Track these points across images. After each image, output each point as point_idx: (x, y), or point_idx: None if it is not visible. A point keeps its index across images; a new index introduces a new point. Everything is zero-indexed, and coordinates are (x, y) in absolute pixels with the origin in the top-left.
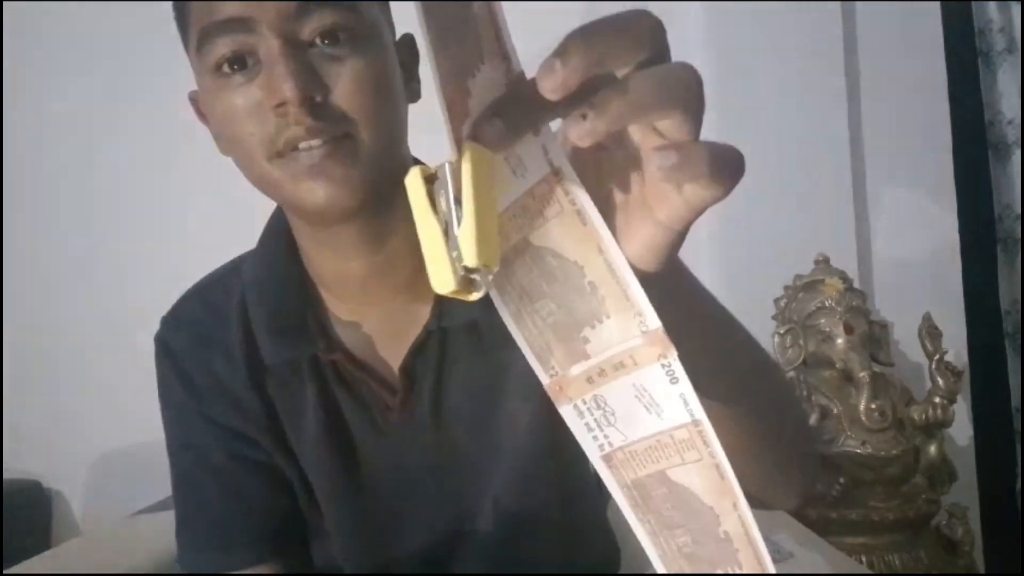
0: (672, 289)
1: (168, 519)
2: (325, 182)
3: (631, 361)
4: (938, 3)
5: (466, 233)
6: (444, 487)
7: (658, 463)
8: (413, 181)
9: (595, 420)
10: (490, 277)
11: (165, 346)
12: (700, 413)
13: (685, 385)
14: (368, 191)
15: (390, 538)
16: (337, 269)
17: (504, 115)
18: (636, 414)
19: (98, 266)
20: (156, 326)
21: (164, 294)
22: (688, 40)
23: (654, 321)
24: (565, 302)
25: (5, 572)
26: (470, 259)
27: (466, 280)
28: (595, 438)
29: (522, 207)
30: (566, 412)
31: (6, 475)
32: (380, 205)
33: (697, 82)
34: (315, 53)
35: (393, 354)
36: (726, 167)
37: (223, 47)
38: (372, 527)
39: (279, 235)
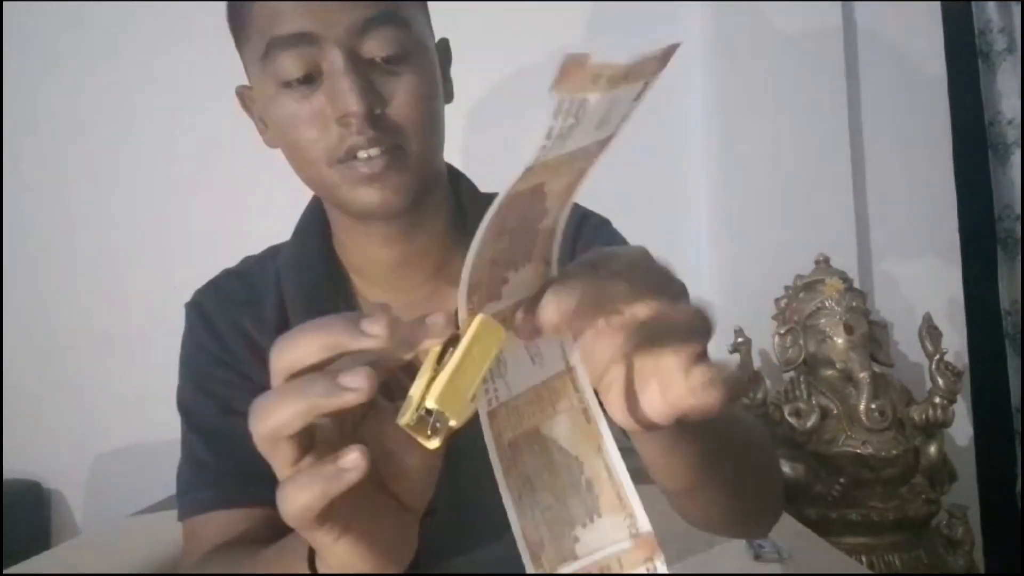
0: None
1: (168, 519)
2: (380, 188)
3: (617, 564)
4: (938, 3)
5: (440, 379)
6: (454, 469)
7: None
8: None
9: None
10: (450, 424)
11: (198, 307)
12: None
13: None
14: (414, 195)
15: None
16: (370, 256)
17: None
18: None
19: (98, 266)
20: (156, 326)
21: (164, 294)
22: (688, 41)
23: (644, 524)
24: (563, 496)
25: (5, 572)
26: (431, 399)
27: (423, 421)
28: None
29: (536, 395)
30: None
31: (6, 475)
32: (417, 203)
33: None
34: (375, 67)
35: None
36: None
37: (292, 63)
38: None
39: (313, 226)
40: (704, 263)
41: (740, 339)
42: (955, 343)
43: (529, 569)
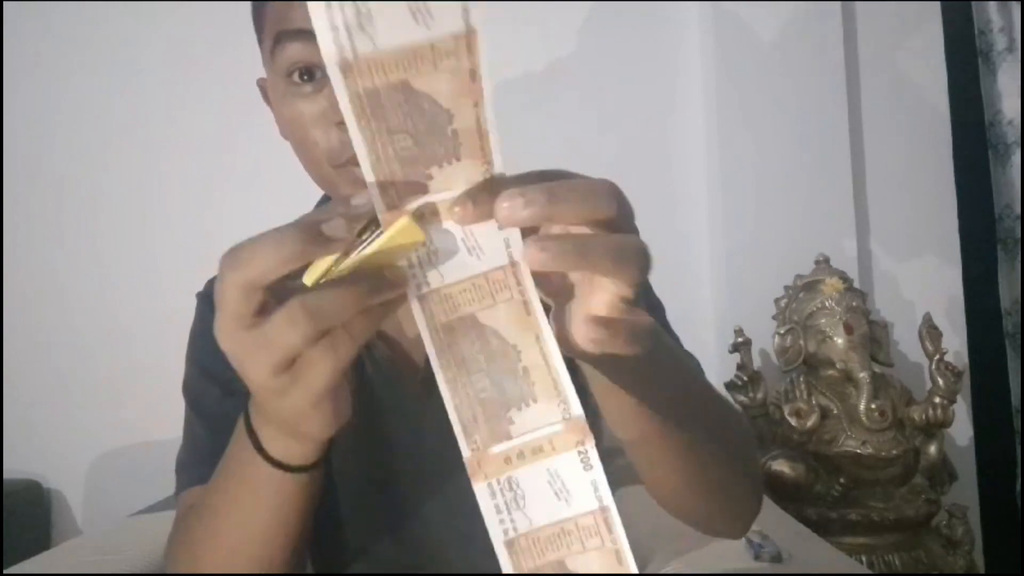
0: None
1: (168, 519)
2: None
3: (549, 446)
4: (938, 3)
5: (347, 261)
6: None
7: (559, 551)
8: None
9: (505, 502)
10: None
11: (207, 296)
12: (609, 500)
13: (598, 473)
14: None
15: (397, 513)
16: None
17: (477, 201)
18: (546, 499)
19: (99, 266)
20: (156, 326)
21: (164, 295)
22: (688, 41)
23: (577, 409)
24: (498, 381)
25: (5, 572)
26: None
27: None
28: (502, 521)
29: (474, 284)
30: (479, 489)
31: (6, 475)
32: None
33: (646, 255)
34: None
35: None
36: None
37: (293, 54)
38: (384, 501)
39: None
40: (704, 263)
41: (740, 339)
42: (955, 343)
43: (462, 445)
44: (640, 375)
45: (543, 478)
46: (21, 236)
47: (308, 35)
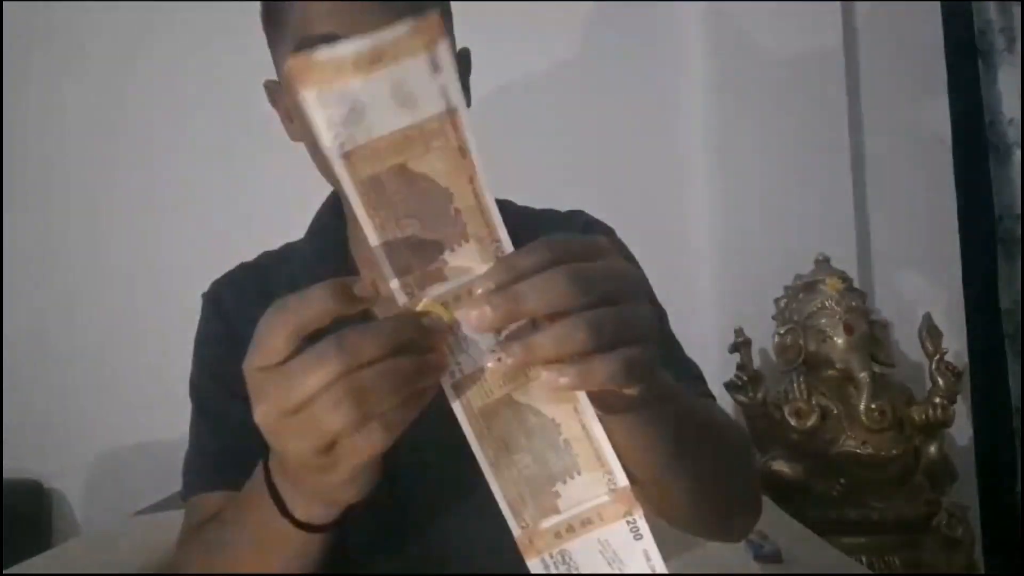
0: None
1: (168, 519)
2: None
3: (598, 517)
4: (938, 3)
5: None
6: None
7: None
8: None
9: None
10: None
11: (213, 297)
12: (660, 566)
13: (648, 542)
14: None
15: (404, 525)
16: None
17: (493, 304)
18: (599, 570)
19: (99, 267)
20: (156, 326)
21: (165, 295)
22: (689, 41)
23: (622, 479)
24: (541, 456)
25: (5, 572)
26: None
27: None
28: None
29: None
30: (533, 565)
31: (6, 475)
32: None
33: (651, 364)
34: None
35: None
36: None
37: None
38: (390, 510)
39: (329, 223)
40: (704, 263)
41: (740, 339)
42: (955, 343)
43: (512, 524)
44: (648, 422)
45: (595, 548)
46: (21, 236)
47: (328, 40)
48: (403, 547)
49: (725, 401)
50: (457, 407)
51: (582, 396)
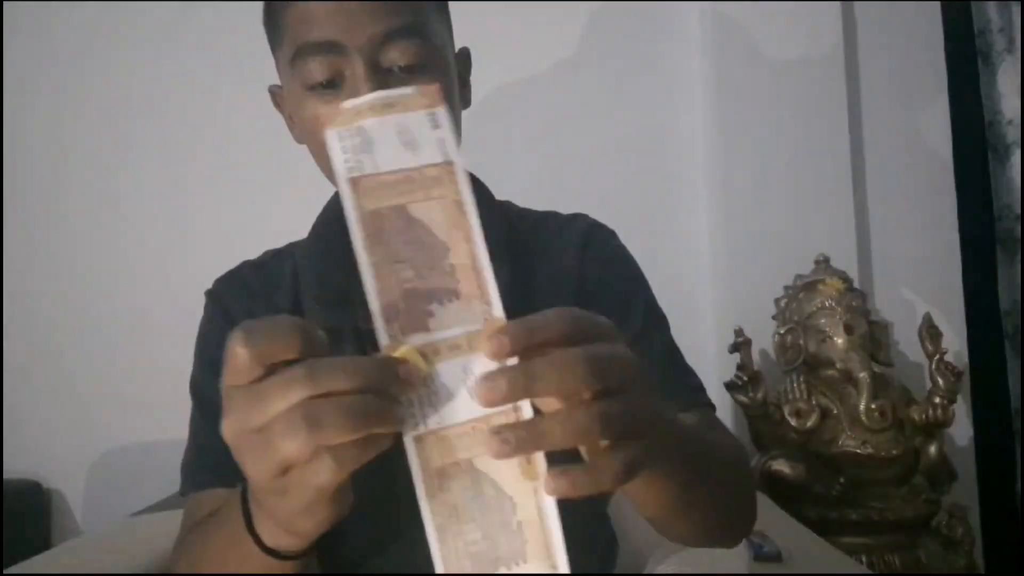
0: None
1: (168, 519)
2: None
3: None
4: (938, 3)
5: None
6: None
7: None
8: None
9: None
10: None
11: (216, 294)
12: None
13: None
14: None
15: (396, 514)
16: None
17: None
18: None
19: (99, 266)
20: (157, 326)
21: (165, 295)
22: (688, 41)
23: (564, 569)
24: (491, 535)
25: (5, 572)
26: None
27: None
28: None
29: (474, 429)
30: None
31: (6, 475)
32: None
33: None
34: (393, 77)
35: None
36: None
37: (317, 69)
38: (380, 498)
39: (331, 221)
40: (705, 263)
41: (740, 339)
42: (955, 343)
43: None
44: (653, 479)
45: None
46: (22, 236)
47: (329, 47)
48: (396, 561)
49: (725, 401)
50: (414, 461)
51: (543, 472)
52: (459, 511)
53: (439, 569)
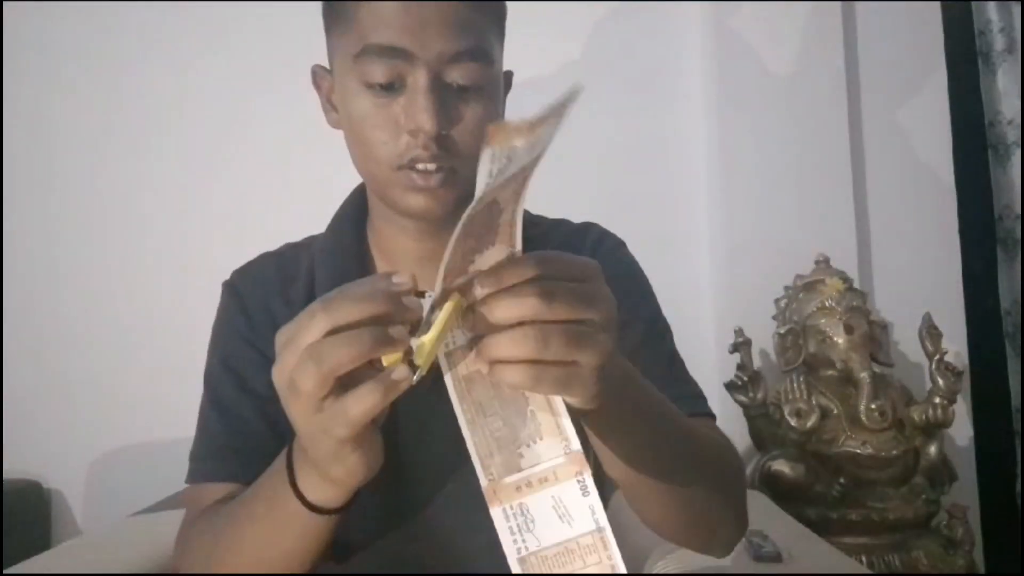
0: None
1: (168, 519)
2: (429, 198)
3: (553, 476)
4: (938, 3)
5: (423, 345)
6: (459, 463)
7: (564, 567)
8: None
9: (517, 525)
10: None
11: (232, 286)
12: (604, 522)
13: (594, 498)
14: (456, 207)
15: (404, 507)
16: (401, 246)
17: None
18: (552, 522)
19: (99, 267)
20: (157, 327)
21: (166, 295)
22: (687, 41)
23: (576, 445)
24: (510, 422)
25: (5, 572)
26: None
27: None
28: (515, 541)
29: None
30: (495, 514)
31: (6, 475)
32: (455, 212)
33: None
34: (451, 92)
35: None
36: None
37: (381, 71)
38: (391, 492)
39: (349, 216)
40: (704, 263)
41: (740, 339)
42: (955, 343)
43: (480, 475)
44: (615, 424)
45: (548, 503)
46: (22, 236)
47: (398, 53)
48: (404, 536)
49: (725, 401)
50: (446, 369)
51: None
52: (484, 407)
53: (472, 455)
